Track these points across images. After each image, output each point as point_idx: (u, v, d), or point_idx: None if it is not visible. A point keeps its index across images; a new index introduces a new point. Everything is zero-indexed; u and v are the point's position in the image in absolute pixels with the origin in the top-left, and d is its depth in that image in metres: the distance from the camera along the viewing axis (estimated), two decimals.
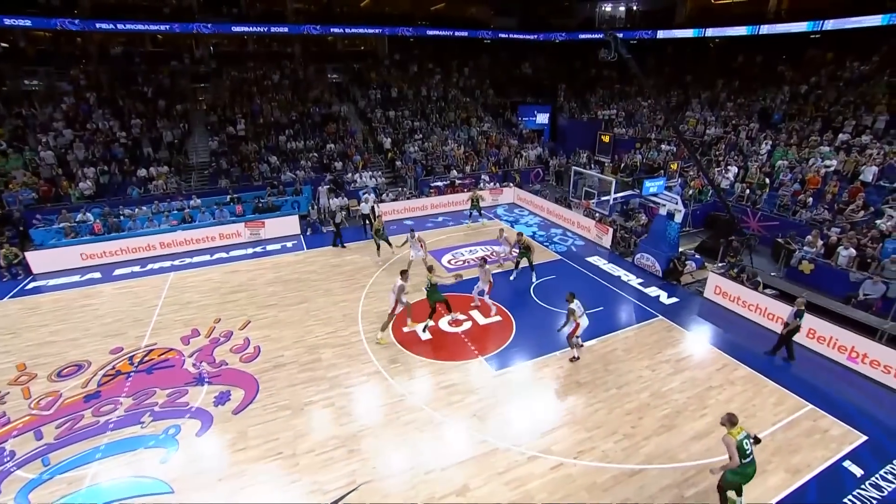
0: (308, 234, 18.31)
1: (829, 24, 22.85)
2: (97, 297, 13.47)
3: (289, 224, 18.20)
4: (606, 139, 15.61)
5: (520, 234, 13.99)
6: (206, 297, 13.25)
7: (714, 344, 10.94)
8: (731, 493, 6.55)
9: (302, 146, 23.87)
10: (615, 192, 14.35)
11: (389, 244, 15.55)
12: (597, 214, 16.76)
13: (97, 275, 15.06)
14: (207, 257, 16.21)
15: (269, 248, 16.98)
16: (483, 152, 26.48)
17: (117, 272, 15.18)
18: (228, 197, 18.95)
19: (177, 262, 15.79)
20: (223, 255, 16.46)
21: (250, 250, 16.77)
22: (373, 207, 18.65)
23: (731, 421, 6.36)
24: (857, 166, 17.08)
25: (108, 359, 10.47)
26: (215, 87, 26.60)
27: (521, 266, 14.35)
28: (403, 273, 10.72)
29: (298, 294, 13.25)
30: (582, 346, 10.34)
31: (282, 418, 8.60)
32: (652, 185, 13.92)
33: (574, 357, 10.16)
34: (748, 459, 6.31)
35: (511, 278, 14.05)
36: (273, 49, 31.78)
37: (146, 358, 10.40)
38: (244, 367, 10.05)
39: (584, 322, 9.95)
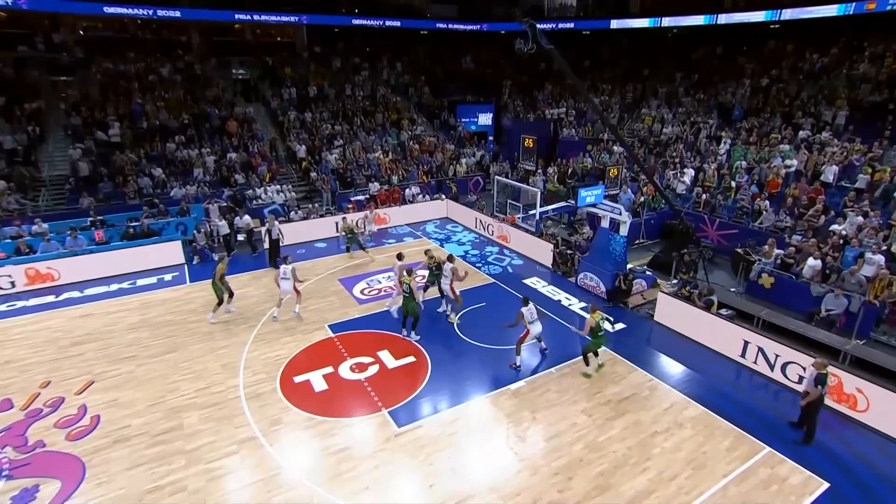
0: (194, 262, 17.29)
1: (787, 14, 24.10)
2: None
3: (169, 252, 17.14)
4: (530, 143, 15.45)
5: (450, 256, 13.50)
6: (36, 352, 11.91)
7: (662, 378, 10.78)
8: (590, 355, 10.59)
9: (196, 155, 22.78)
10: (547, 206, 14.22)
11: (231, 295, 13.75)
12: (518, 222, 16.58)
13: None
14: (52, 298, 14.83)
15: (141, 282, 15.89)
16: (414, 159, 26.12)
17: None
18: (90, 220, 17.57)
19: (1, 308, 14.34)
20: (75, 293, 15.15)
21: (114, 286, 15.57)
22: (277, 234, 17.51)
23: (593, 310, 10.49)
24: (816, 166, 17.63)
25: None
26: (82, 82, 24.97)
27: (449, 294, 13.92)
28: (400, 256, 12.75)
29: (168, 341, 12.31)
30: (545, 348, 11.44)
31: None
32: (589, 195, 13.80)
33: (516, 365, 10.87)
34: (602, 333, 10.42)
35: (441, 310, 13.61)
36: (162, 36, 30.46)
37: None
38: (70, 446, 8.87)
39: (535, 329, 10.71)
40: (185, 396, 10.15)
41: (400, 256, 13.38)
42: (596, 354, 10.73)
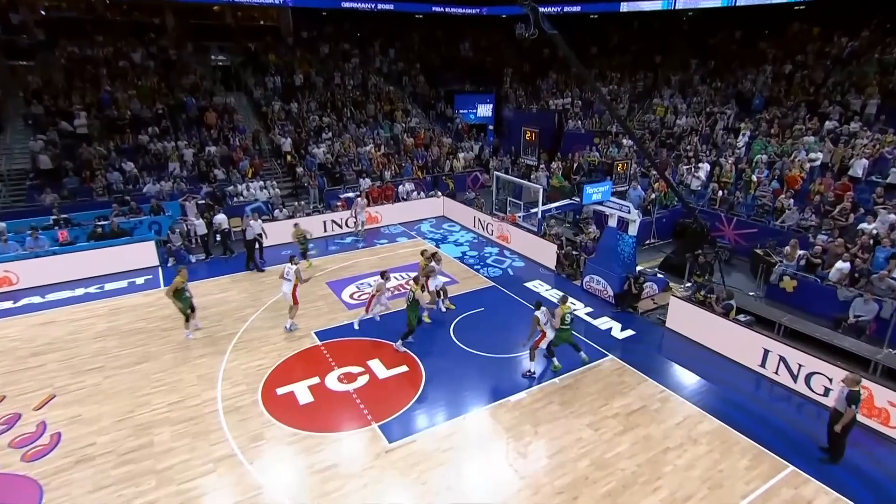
0: (169, 265, 17.21)
1: None
2: None
3: (142, 253, 17.09)
4: (531, 136, 15.43)
5: (434, 254, 13.47)
6: None
7: (675, 389, 10.74)
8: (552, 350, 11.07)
9: (171, 148, 22.73)
10: (550, 203, 14.17)
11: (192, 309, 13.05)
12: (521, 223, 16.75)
13: None
14: (9, 304, 14.75)
15: (110, 286, 15.80)
16: (408, 153, 26.11)
17: None
18: (52, 218, 17.50)
19: None
20: (35, 299, 15.07)
21: (79, 291, 15.48)
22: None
23: (563, 300, 10.89)
24: (844, 159, 17.59)
25: None
26: (44, 67, 24.82)
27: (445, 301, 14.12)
28: (384, 274, 12.50)
29: (138, 351, 12.25)
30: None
31: None
32: (595, 192, 13.78)
33: (530, 372, 11.00)
34: (567, 326, 10.76)
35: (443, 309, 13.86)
36: (133, 18, 30.29)
37: None
38: (26, 468, 8.76)
39: (550, 333, 10.81)
40: (156, 411, 10.07)
41: (384, 275, 13.01)
42: (552, 354, 11.25)
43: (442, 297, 13.90)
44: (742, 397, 10.48)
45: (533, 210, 14.98)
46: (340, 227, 20.61)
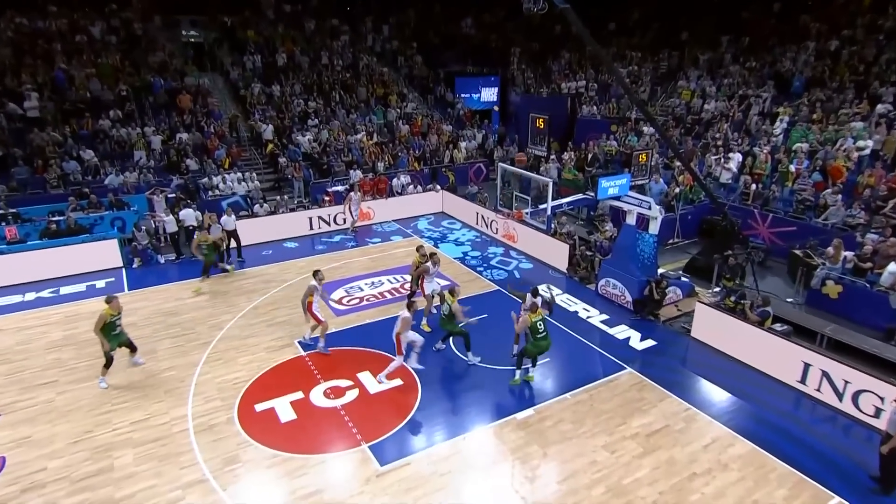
0: (135, 266, 17.29)
1: None
2: None
3: (103, 253, 17.05)
4: (541, 123, 15.41)
5: (433, 254, 13.45)
6: None
7: (701, 407, 10.69)
8: (527, 361, 11.13)
9: (137, 135, 22.75)
10: (561, 198, 14.24)
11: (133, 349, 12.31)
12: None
13: None
14: None
15: (66, 289, 15.76)
16: (404, 142, 26.17)
17: None
18: None
19: None
20: None
21: (30, 295, 15.46)
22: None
23: (532, 309, 10.78)
24: None
25: None
26: None
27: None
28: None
29: (98, 363, 11.91)
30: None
31: None
32: (612, 185, 13.74)
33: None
34: (542, 335, 10.66)
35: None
36: None
37: None
38: None
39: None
40: (117, 431, 10.03)
41: (410, 307, 11.48)
42: (534, 364, 11.28)
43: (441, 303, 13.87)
44: (779, 417, 10.39)
45: (542, 206, 14.96)
46: (329, 224, 20.60)
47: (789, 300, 14.27)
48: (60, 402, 10.86)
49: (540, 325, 10.59)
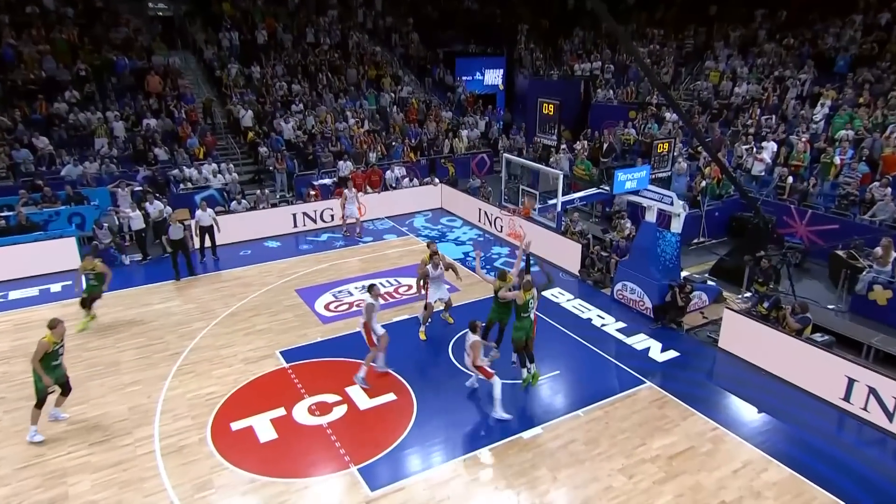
0: None
1: None
2: None
3: (59, 253, 17.04)
4: (550, 109, 15.37)
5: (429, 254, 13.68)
6: None
7: (730, 426, 10.60)
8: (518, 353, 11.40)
9: (98, 120, 22.83)
10: (573, 193, 14.22)
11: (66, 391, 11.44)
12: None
13: None
14: None
15: (16, 294, 15.81)
16: (398, 130, 26.23)
17: None
18: None
19: None
20: None
21: None
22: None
23: (526, 287, 10.89)
24: None
25: None
26: None
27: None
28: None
29: None
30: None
31: None
32: (629, 179, 13.67)
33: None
34: (526, 315, 10.98)
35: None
36: None
37: None
38: None
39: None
40: (73, 454, 9.97)
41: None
42: (531, 360, 11.38)
43: (443, 309, 14.02)
44: (819, 439, 10.29)
45: (552, 201, 15.01)
46: (314, 221, 20.65)
47: (831, 307, 14.18)
48: (7, 422, 10.77)
49: (532, 302, 11.03)
